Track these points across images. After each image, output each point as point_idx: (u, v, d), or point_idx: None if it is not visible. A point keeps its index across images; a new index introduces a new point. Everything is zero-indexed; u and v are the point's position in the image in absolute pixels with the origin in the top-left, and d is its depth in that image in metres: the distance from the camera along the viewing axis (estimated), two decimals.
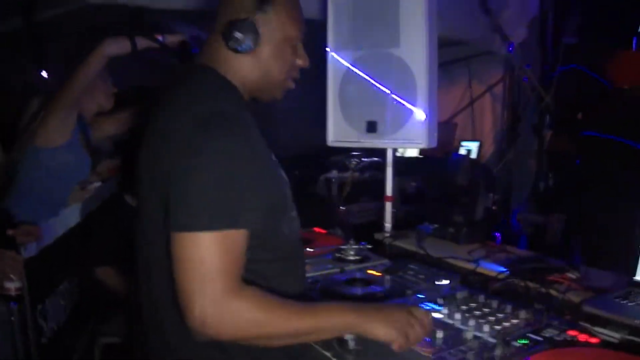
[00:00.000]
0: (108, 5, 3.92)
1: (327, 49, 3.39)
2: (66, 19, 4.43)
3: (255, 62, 1.94)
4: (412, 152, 6.10)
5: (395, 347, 1.77)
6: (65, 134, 3.27)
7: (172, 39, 3.18)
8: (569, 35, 5.68)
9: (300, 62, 2.07)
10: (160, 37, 3.15)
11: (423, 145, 3.15)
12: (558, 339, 1.91)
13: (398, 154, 3.67)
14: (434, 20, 3.12)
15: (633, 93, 4.81)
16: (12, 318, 2.82)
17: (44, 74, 4.92)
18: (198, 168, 1.62)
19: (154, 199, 1.75)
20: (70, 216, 3.78)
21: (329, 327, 1.77)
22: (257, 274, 1.77)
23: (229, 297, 1.57)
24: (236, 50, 1.89)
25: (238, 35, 1.86)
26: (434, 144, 3.21)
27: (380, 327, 1.77)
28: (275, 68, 1.99)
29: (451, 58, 6.20)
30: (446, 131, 6.20)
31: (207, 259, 1.57)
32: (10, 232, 2.77)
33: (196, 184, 1.61)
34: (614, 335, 1.98)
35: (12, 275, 2.70)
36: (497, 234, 3.20)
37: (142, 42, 3.13)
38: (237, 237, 1.64)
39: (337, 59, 3.36)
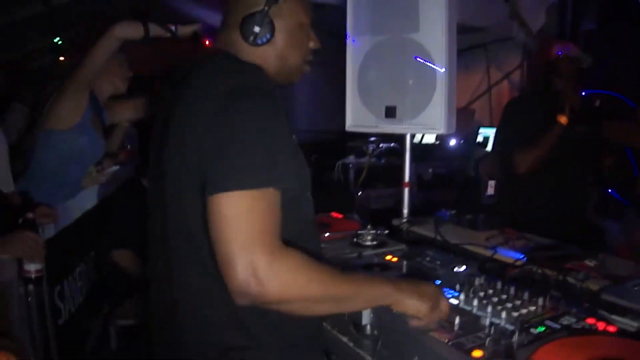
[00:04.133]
0: None
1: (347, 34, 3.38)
2: (84, 4, 4.45)
3: (273, 52, 1.98)
4: (429, 138, 6.09)
5: (415, 322, 1.82)
6: (76, 116, 3.28)
7: (184, 30, 3.18)
8: (588, 21, 5.65)
9: (312, 44, 2.12)
10: (173, 27, 3.15)
11: (442, 131, 3.13)
12: (576, 326, 1.90)
13: (415, 141, 3.65)
14: (454, 7, 3.10)
15: None
16: (30, 299, 2.83)
17: (62, 58, 4.94)
18: (233, 132, 1.62)
19: (183, 178, 1.74)
20: (87, 199, 3.80)
21: (368, 294, 1.79)
22: None
23: (272, 255, 1.55)
24: (255, 44, 1.92)
25: (256, 29, 1.90)
26: (453, 130, 3.20)
27: (409, 300, 1.81)
28: (292, 54, 2.03)
29: (469, 44, 6.18)
30: (464, 117, 6.19)
31: (248, 217, 1.56)
32: (30, 215, 2.78)
33: (232, 147, 1.61)
34: (632, 324, 1.96)
35: (34, 257, 2.71)
36: None
37: (155, 30, 3.13)
38: (275, 196, 1.63)
39: (356, 44, 3.34)
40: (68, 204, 3.51)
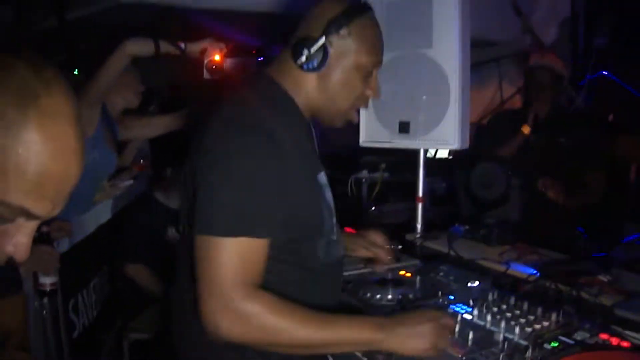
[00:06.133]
0: (139, 4, 3.95)
1: None
2: (98, 18, 4.47)
3: (322, 84, 1.90)
4: (443, 153, 6.10)
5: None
6: (88, 130, 3.29)
7: (193, 47, 3.19)
8: (600, 37, 5.64)
9: (369, 92, 2.01)
10: (182, 44, 3.16)
11: (455, 147, 3.12)
12: (589, 342, 1.90)
13: (428, 155, 3.65)
14: (467, 22, 3.10)
15: None
16: (45, 313, 2.85)
17: (76, 72, 4.96)
18: (220, 175, 1.65)
19: (187, 203, 1.79)
20: (102, 213, 3.82)
21: (349, 340, 1.76)
22: (281, 287, 1.77)
23: (239, 302, 1.60)
24: (301, 68, 1.86)
25: (305, 52, 1.84)
26: (466, 146, 3.19)
27: (407, 343, 1.77)
28: (341, 95, 1.94)
29: (481, 59, 6.17)
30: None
31: (222, 263, 1.61)
32: (45, 228, 2.80)
33: (217, 190, 1.64)
34: None
35: (49, 270, 2.73)
36: None
37: (165, 46, 3.15)
38: (254, 245, 1.65)
39: None
40: (82, 218, 3.53)
